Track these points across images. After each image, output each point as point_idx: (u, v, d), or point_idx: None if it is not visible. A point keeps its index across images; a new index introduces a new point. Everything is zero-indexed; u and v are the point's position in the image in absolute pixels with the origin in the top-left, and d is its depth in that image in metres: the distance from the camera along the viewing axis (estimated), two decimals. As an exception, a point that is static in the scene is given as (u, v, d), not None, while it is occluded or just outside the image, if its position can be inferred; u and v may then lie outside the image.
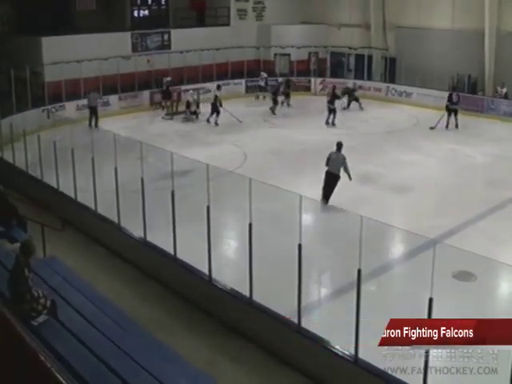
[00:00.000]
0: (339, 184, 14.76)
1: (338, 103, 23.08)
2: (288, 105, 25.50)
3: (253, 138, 20.39)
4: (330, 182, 13.68)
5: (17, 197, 12.08)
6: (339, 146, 13.96)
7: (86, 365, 5.92)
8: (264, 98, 27.07)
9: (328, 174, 13.71)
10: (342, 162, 13.65)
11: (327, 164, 13.82)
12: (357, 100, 24.98)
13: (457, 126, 21.64)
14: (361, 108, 24.79)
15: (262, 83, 27.56)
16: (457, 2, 25.55)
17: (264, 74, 27.83)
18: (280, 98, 25.03)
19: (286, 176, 15.11)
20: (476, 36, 24.59)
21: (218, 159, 14.12)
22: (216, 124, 22.16)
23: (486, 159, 17.86)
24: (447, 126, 21.58)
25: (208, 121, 22.39)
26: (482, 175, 16.34)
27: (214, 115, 22.21)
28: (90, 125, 21.40)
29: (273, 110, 24.43)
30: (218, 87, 23.70)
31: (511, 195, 14.29)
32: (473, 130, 21.67)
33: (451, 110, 21.70)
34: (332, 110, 22.41)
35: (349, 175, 13.56)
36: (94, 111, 21.84)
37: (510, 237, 11.81)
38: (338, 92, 23.90)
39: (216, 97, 22.40)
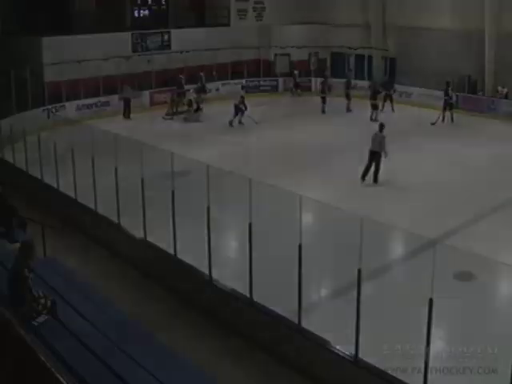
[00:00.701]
0: (340, 184, 14.90)
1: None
2: (323, 111, 24.43)
3: (253, 138, 20.36)
4: (372, 158, 15.26)
5: (17, 197, 12.06)
6: (381, 126, 15.63)
7: (86, 365, 5.93)
8: (299, 94, 27.48)
9: (370, 151, 15.31)
10: (380, 141, 15.24)
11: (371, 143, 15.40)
12: (391, 99, 24.58)
13: (452, 120, 22.24)
14: (393, 109, 24.27)
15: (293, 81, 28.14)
16: (457, 2, 25.53)
17: (295, 72, 28.12)
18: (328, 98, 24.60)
19: (286, 176, 15.08)
20: (476, 36, 24.58)
21: (218, 159, 14.12)
22: (240, 122, 22.06)
23: (486, 159, 17.83)
24: (443, 120, 22.24)
25: (231, 124, 22.02)
26: (482, 175, 16.30)
27: (239, 115, 22.04)
28: (124, 116, 23.44)
29: (323, 109, 24.47)
30: (243, 88, 23.66)
31: (511, 195, 14.29)
32: (473, 129, 21.67)
33: (448, 103, 22.29)
34: (375, 106, 22.71)
35: (385, 152, 15.20)
36: (127, 103, 23.33)
37: (510, 237, 11.80)
38: (379, 87, 24.07)
39: (242, 97, 22.26)
